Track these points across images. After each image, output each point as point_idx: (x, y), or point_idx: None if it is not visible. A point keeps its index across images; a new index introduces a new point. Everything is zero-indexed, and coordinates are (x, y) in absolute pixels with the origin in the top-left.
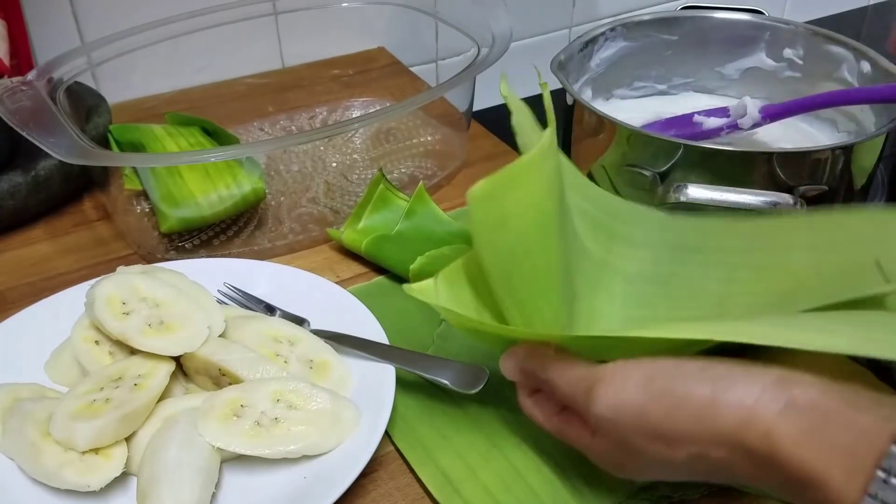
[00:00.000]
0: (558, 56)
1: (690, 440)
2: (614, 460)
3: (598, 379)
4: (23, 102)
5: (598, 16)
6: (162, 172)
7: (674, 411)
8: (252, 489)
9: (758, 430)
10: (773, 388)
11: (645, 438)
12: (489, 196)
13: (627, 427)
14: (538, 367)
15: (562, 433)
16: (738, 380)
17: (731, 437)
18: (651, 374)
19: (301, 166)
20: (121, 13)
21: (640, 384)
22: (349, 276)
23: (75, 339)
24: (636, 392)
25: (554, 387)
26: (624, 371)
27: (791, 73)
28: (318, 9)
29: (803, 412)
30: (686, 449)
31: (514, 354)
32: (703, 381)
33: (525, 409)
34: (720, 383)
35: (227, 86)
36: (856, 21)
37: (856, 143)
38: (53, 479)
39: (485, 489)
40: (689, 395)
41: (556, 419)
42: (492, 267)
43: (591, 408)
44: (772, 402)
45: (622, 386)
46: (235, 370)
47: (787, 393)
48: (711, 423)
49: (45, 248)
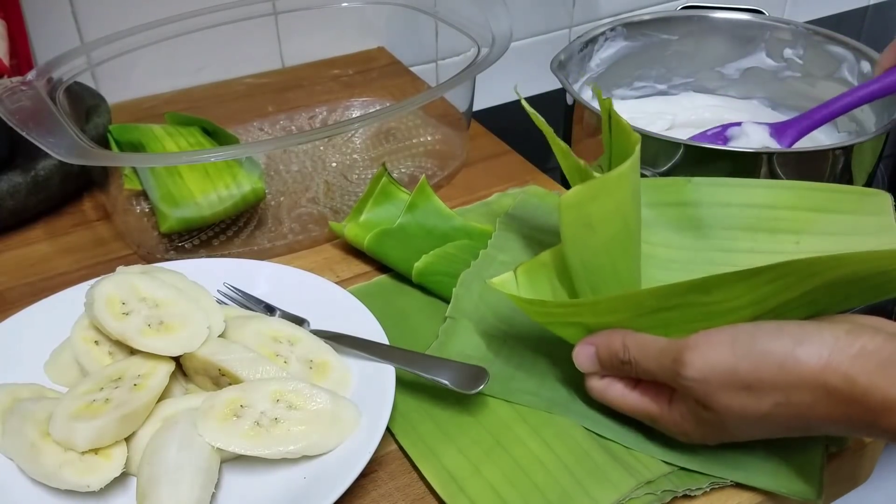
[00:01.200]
0: (558, 56)
1: (775, 387)
2: (690, 424)
3: (684, 347)
4: (22, 102)
5: (598, 15)
6: (161, 172)
7: (759, 364)
8: (252, 489)
9: (838, 374)
10: (845, 338)
11: (733, 393)
12: (578, 203)
13: (717, 385)
14: (619, 349)
15: (637, 407)
16: (813, 334)
17: (814, 381)
18: (734, 336)
19: (301, 166)
20: (120, 13)
21: (726, 345)
22: (349, 276)
23: (75, 339)
24: (723, 353)
25: (636, 364)
26: (707, 336)
27: (791, 73)
28: (318, 9)
29: (874, 353)
30: (772, 397)
31: (591, 343)
32: (783, 337)
33: (597, 391)
34: (798, 337)
35: (227, 86)
36: (856, 21)
37: (856, 143)
38: (53, 480)
39: (489, 486)
40: (772, 349)
41: (631, 395)
42: (577, 263)
43: (681, 372)
44: (846, 350)
45: (709, 350)
46: (235, 370)
47: (858, 341)
48: (795, 370)
49: (44, 248)
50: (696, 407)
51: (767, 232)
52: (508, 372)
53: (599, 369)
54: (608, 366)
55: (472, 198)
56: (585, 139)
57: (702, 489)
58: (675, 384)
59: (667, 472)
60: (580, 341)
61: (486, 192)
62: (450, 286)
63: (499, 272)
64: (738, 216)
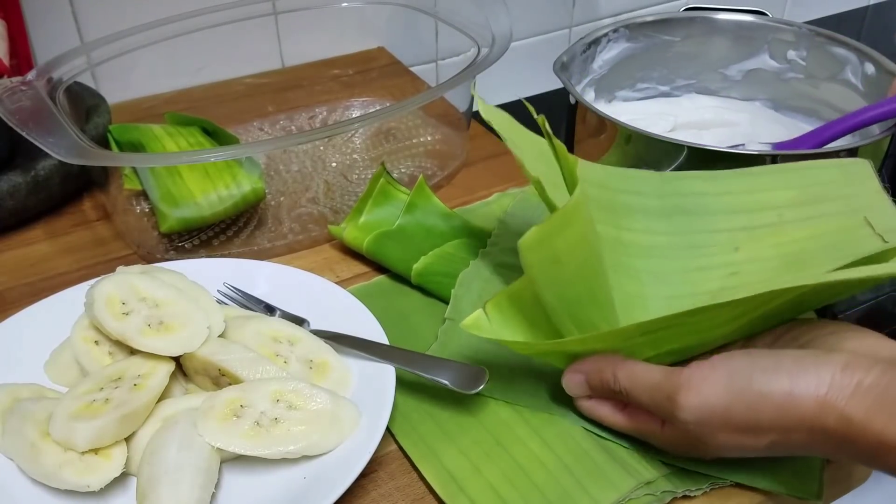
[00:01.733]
0: (561, 57)
1: (773, 429)
2: (684, 447)
3: (678, 385)
4: (22, 102)
5: (599, 15)
6: (161, 172)
7: (756, 406)
8: (252, 489)
9: (834, 414)
10: (841, 374)
11: (729, 434)
12: (539, 242)
13: (714, 426)
14: (610, 380)
15: (627, 427)
16: (810, 369)
17: (811, 423)
18: (729, 374)
19: (301, 166)
20: (120, 13)
21: (721, 385)
22: (349, 276)
23: (75, 339)
24: (719, 394)
25: (628, 394)
26: (701, 374)
27: (794, 75)
28: (318, 8)
29: (870, 391)
30: (769, 437)
31: (580, 370)
32: (780, 374)
33: (585, 409)
34: (794, 374)
35: (227, 86)
36: (856, 21)
37: (861, 144)
38: (53, 480)
39: (489, 486)
40: (769, 391)
41: (620, 416)
42: (551, 298)
43: (677, 414)
44: (843, 388)
45: (704, 390)
46: (235, 370)
47: (854, 377)
48: (792, 412)
49: (44, 249)
50: (691, 438)
51: (746, 213)
52: (508, 372)
53: (589, 393)
54: (598, 392)
55: (472, 198)
56: (587, 139)
57: (701, 490)
58: (669, 421)
59: (666, 472)
60: (569, 368)
61: (486, 192)
62: (449, 286)
63: (498, 272)
64: (715, 203)
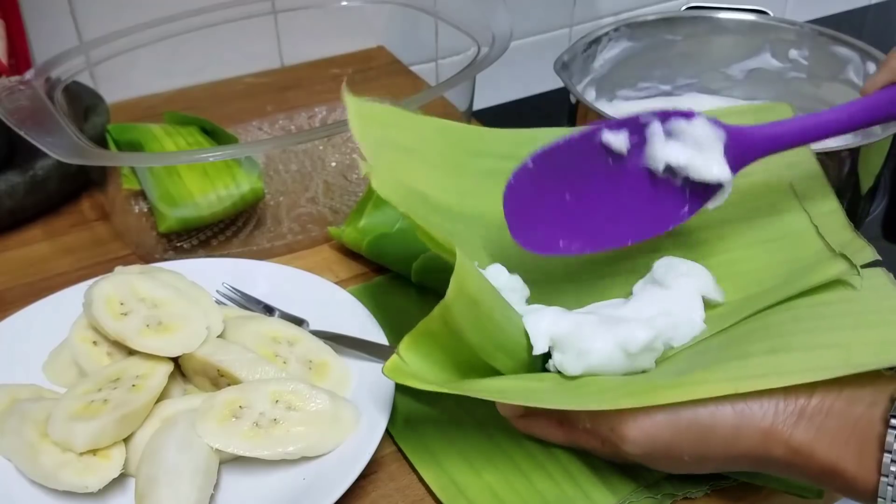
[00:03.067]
0: (562, 56)
1: (718, 459)
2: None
3: (622, 420)
4: (21, 102)
5: (600, 14)
6: (160, 172)
7: (702, 440)
8: (251, 490)
9: (779, 444)
10: (784, 404)
11: (674, 463)
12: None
13: (659, 456)
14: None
15: (566, 442)
16: (754, 401)
17: (757, 454)
18: (676, 410)
19: (300, 166)
20: (119, 12)
21: (667, 421)
22: (349, 276)
23: (73, 339)
24: (663, 429)
25: (570, 421)
26: (646, 411)
27: (796, 74)
28: (318, 8)
29: (812, 418)
30: (713, 465)
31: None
32: (725, 408)
33: (521, 427)
34: (739, 407)
35: (226, 85)
36: (857, 20)
37: (863, 144)
38: (51, 480)
39: (489, 489)
40: (715, 426)
41: (559, 432)
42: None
43: (621, 446)
44: (786, 417)
45: (647, 425)
46: (234, 371)
47: (797, 404)
48: (737, 445)
49: (43, 249)
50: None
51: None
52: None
53: (523, 413)
54: (535, 415)
55: None
56: None
57: (702, 491)
58: (612, 449)
59: (666, 474)
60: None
61: None
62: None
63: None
64: None
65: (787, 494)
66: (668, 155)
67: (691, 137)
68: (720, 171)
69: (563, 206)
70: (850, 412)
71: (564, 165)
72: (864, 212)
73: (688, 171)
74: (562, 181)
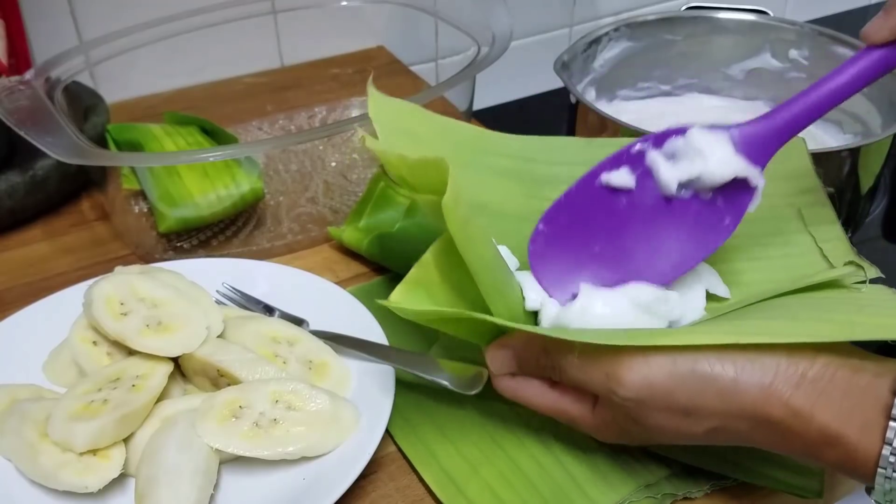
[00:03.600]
0: (562, 56)
1: (714, 415)
2: (615, 431)
3: (619, 362)
4: (20, 102)
5: (600, 14)
6: (160, 172)
7: (700, 391)
8: (251, 490)
9: (778, 403)
10: (787, 364)
11: (668, 415)
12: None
13: (653, 406)
14: (542, 354)
15: (554, 408)
16: (755, 358)
17: (755, 411)
18: (673, 360)
19: (300, 166)
20: (119, 12)
21: (665, 368)
22: (349, 276)
23: (73, 339)
24: (661, 375)
25: (562, 371)
26: (645, 354)
27: (796, 74)
28: (317, 7)
29: (815, 382)
30: (709, 422)
31: (507, 345)
32: (725, 362)
33: (508, 390)
34: (740, 362)
35: (226, 85)
36: (857, 20)
37: (863, 144)
38: (51, 480)
39: (488, 487)
40: (713, 376)
41: (549, 395)
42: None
43: (616, 390)
44: (788, 378)
45: (646, 370)
46: (234, 371)
47: (799, 367)
48: (735, 399)
49: (42, 249)
50: (625, 420)
51: None
52: None
53: (516, 370)
54: (526, 368)
55: None
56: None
57: (702, 491)
58: (605, 398)
59: (667, 474)
60: (494, 343)
61: None
62: None
63: None
64: None
65: (787, 494)
66: (679, 175)
67: (692, 149)
68: (738, 167)
69: (596, 259)
70: (855, 381)
71: (579, 219)
72: (864, 212)
73: (704, 181)
74: (583, 234)
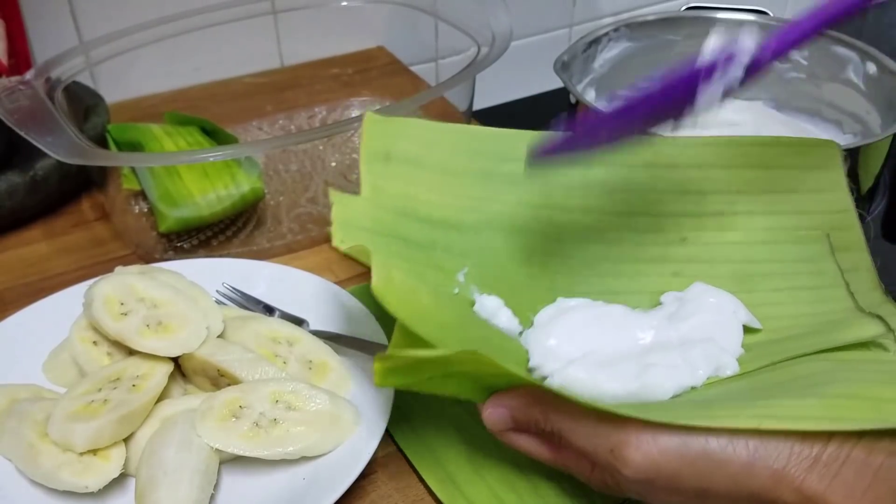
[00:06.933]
0: (562, 56)
1: (720, 498)
2: (615, 492)
3: (625, 441)
4: (21, 102)
5: (599, 14)
6: (160, 172)
7: (709, 474)
8: (251, 490)
9: (789, 489)
10: (800, 448)
11: (675, 497)
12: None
13: (659, 487)
14: (539, 419)
15: (552, 463)
16: (769, 441)
17: (764, 497)
18: (684, 441)
19: (300, 166)
20: (119, 12)
21: (673, 449)
22: (349, 276)
23: (73, 339)
24: (670, 456)
25: (562, 437)
26: (653, 432)
27: (796, 75)
28: (317, 7)
29: (828, 465)
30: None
31: (503, 404)
32: (738, 443)
33: (503, 437)
34: (752, 444)
35: (226, 85)
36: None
37: (863, 144)
38: (51, 480)
39: (489, 488)
40: (727, 459)
41: (546, 452)
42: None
43: (620, 470)
44: (801, 462)
45: (655, 450)
46: (234, 371)
47: (813, 450)
48: (746, 484)
49: (42, 249)
50: (627, 490)
51: (697, 194)
52: None
53: (513, 427)
54: (524, 429)
55: None
56: None
57: None
58: (609, 474)
59: None
60: (490, 401)
61: None
62: None
63: None
64: (664, 177)
65: None
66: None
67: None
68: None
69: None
70: (869, 461)
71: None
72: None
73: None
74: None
